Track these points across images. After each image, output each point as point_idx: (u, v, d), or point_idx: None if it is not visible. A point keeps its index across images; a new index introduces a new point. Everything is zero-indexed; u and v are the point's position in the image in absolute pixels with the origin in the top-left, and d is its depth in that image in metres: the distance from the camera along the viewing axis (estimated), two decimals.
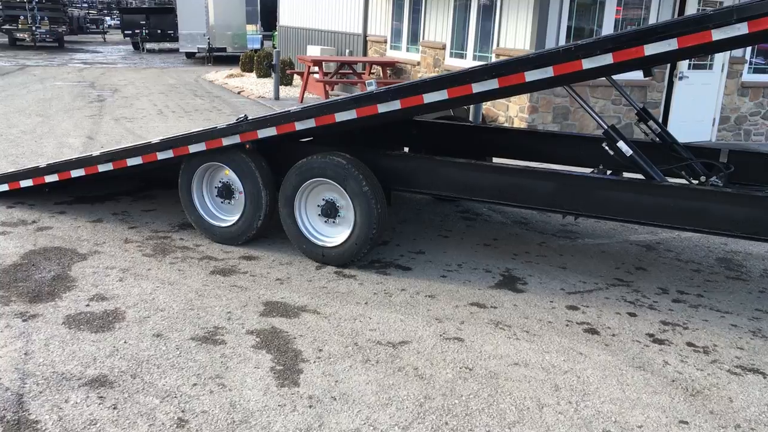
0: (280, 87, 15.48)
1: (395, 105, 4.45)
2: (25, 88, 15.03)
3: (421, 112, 4.59)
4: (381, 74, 13.37)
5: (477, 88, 4.18)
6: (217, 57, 24.85)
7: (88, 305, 4.23)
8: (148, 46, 31.36)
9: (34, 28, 29.12)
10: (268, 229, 5.37)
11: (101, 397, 3.23)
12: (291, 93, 14.87)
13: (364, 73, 13.83)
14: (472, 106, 7.99)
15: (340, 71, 13.65)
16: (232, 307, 4.28)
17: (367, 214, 4.79)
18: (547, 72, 3.96)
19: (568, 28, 9.74)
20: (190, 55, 26.71)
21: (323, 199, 5.02)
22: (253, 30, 26.20)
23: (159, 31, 31.14)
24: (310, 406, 3.23)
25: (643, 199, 4.33)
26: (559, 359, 3.78)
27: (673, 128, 10.48)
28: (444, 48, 11.72)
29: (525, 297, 4.64)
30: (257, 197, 5.17)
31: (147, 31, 30.89)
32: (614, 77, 5.21)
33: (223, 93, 15.51)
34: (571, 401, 3.36)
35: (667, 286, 4.95)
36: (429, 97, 4.34)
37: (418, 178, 4.93)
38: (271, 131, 4.88)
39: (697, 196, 4.22)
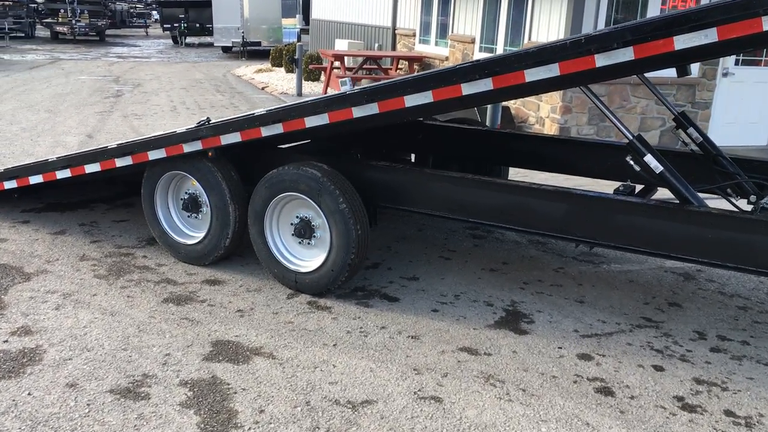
0: (306, 83, 14.86)
1: (372, 109, 3.70)
2: (47, 82, 14.71)
3: (405, 118, 3.84)
4: (408, 70, 12.60)
5: (468, 89, 3.40)
6: (251, 51, 24.35)
7: (6, 341, 3.61)
8: (187, 40, 31.12)
9: (73, 22, 29.10)
10: (243, 248, 4.68)
11: None
12: (317, 89, 14.21)
13: (390, 69, 13.07)
14: (489, 107, 7.18)
15: (365, 66, 12.91)
16: (173, 348, 3.61)
17: (344, 235, 4.06)
18: (552, 70, 3.16)
19: (608, 19, 8.82)
20: (226, 50, 26.28)
21: (297, 217, 4.31)
22: (291, 24, 25.65)
23: (198, 25, 30.82)
24: None
25: (675, 228, 3.50)
26: None
27: (714, 131, 9.52)
28: (473, 42, 10.89)
29: (528, 341, 3.85)
30: (224, 212, 4.49)
31: (186, 25, 30.61)
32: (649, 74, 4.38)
33: (247, 89, 14.94)
34: None
35: (706, 329, 4.10)
36: (412, 100, 3.58)
37: (407, 193, 4.19)
38: (235, 137, 4.19)
39: (742, 226, 3.37)
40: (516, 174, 6.57)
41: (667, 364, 3.65)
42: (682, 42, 2.84)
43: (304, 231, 4.27)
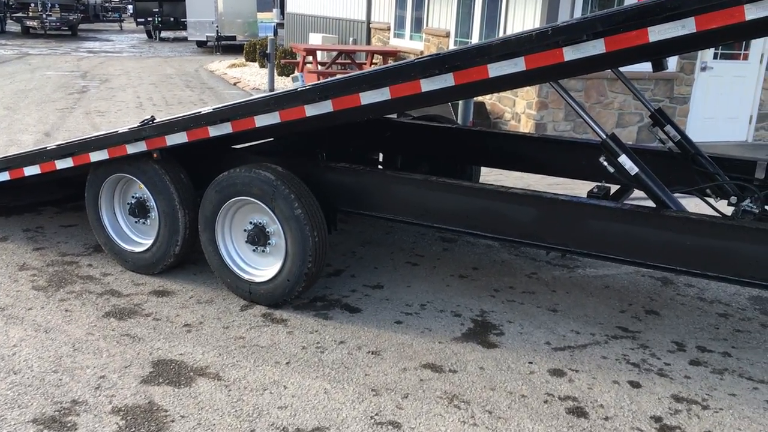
0: (280, 78, 14.51)
1: (326, 107, 3.41)
2: (11, 78, 14.23)
3: (363, 116, 3.56)
4: (383, 64, 12.29)
5: (427, 85, 3.12)
6: (226, 46, 23.89)
7: None
8: (162, 34, 30.52)
9: (44, 16, 28.43)
10: (197, 255, 4.37)
11: None
12: (291, 84, 13.86)
13: (365, 64, 12.76)
14: (460, 103, 6.91)
15: (338, 61, 12.59)
16: (110, 369, 3.30)
17: (300, 243, 3.77)
18: (518, 64, 2.89)
19: (584, 14, 8.58)
20: (201, 44, 25.75)
21: (251, 223, 4.01)
22: (267, 18, 25.18)
23: (172, 19, 30.20)
24: None
25: (650, 234, 3.25)
26: None
27: (692, 127, 9.33)
28: (448, 36, 10.62)
29: (497, 355, 3.58)
30: (173, 218, 4.18)
31: (160, 19, 30.03)
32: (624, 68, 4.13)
33: (219, 84, 14.57)
34: None
35: (685, 340, 3.86)
36: (368, 97, 3.30)
37: (368, 197, 3.91)
38: (181, 137, 3.88)
39: (722, 232, 3.13)
40: (489, 173, 6.32)
41: (644, 379, 3.41)
42: (657, 33, 2.58)
43: (258, 238, 3.98)
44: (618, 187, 4.13)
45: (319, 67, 12.11)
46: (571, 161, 4.77)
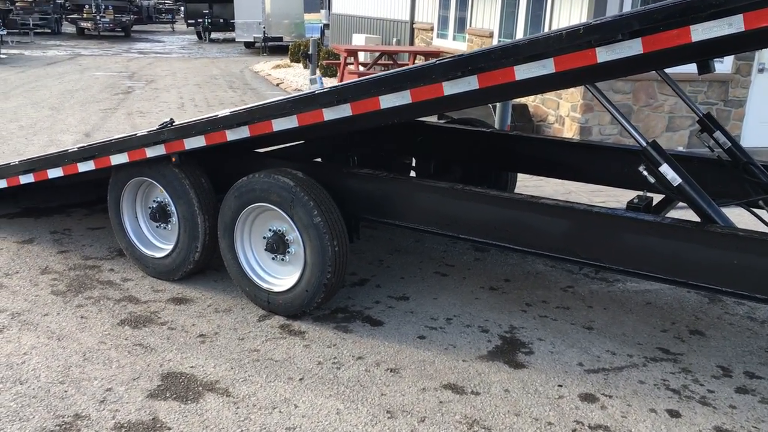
0: (325, 79, 14.42)
1: (344, 111, 3.24)
2: (60, 78, 14.49)
3: (383, 120, 3.38)
4: None
5: (450, 88, 2.92)
6: (273, 47, 23.99)
7: None
8: (212, 36, 30.87)
9: (98, 18, 29.04)
10: (219, 261, 4.23)
11: None
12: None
13: (407, 64, 12.56)
14: (499, 105, 6.65)
15: (380, 62, 12.42)
16: (117, 381, 3.19)
17: (319, 252, 3.61)
18: (546, 66, 2.66)
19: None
20: (248, 45, 25.95)
21: (270, 230, 3.86)
22: (315, 19, 25.20)
23: (222, 21, 30.53)
24: None
25: (693, 252, 2.98)
26: None
27: (748, 131, 8.86)
28: (491, 36, 10.35)
29: (524, 376, 3.35)
30: (193, 224, 4.06)
31: (210, 21, 30.38)
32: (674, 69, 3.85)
33: (262, 85, 14.56)
34: None
35: (731, 364, 3.56)
36: (388, 101, 3.11)
37: (390, 205, 3.72)
38: (198, 141, 3.76)
39: None
40: (529, 180, 6.08)
41: (685, 408, 3.13)
42: (701, 32, 2.32)
43: (277, 246, 3.83)
44: (662, 197, 3.87)
45: (361, 68, 11.96)
46: (612, 168, 4.49)
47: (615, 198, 6.19)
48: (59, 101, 11.32)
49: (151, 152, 3.92)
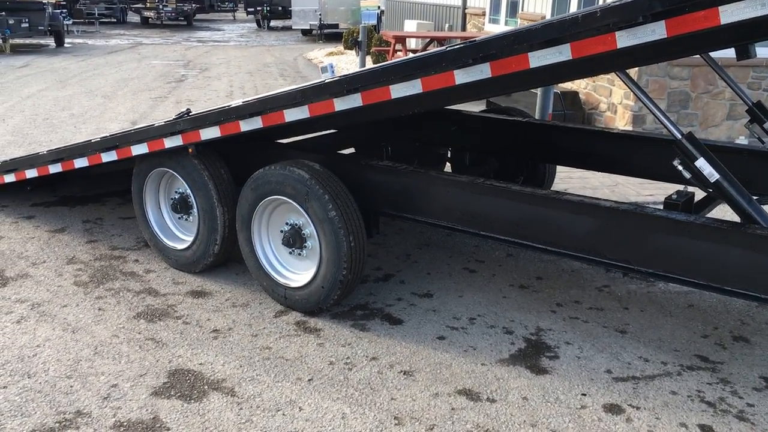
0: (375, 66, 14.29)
1: (355, 101, 3.08)
2: (118, 67, 14.76)
3: (396, 111, 3.21)
4: None
5: (462, 77, 2.73)
6: (329, 34, 23.95)
7: None
8: (271, 23, 31.06)
9: (160, 7, 29.58)
10: (240, 253, 4.14)
11: None
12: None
13: None
14: (539, 92, 6.35)
15: (429, 48, 12.16)
16: (124, 377, 3.14)
17: (334, 248, 3.48)
18: (563, 53, 2.45)
19: None
20: (305, 33, 25.97)
21: (287, 224, 3.75)
22: (372, 5, 25.02)
23: (280, 9, 30.69)
24: None
25: (731, 255, 2.72)
26: None
27: None
28: (543, 20, 9.97)
29: (546, 383, 3.15)
30: (212, 216, 3.99)
31: (269, 9, 30.56)
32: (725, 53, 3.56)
33: (313, 73, 14.49)
34: None
35: None
36: (399, 90, 2.94)
37: (409, 199, 3.56)
38: (214, 132, 3.67)
39: None
40: (572, 172, 5.81)
41: (719, 423, 2.88)
42: (730, 13, 2.07)
43: (294, 240, 3.71)
44: (704, 194, 3.59)
45: (410, 54, 11.74)
46: (655, 160, 4.19)
47: (664, 191, 5.82)
48: (113, 90, 11.51)
49: (169, 143, 3.86)
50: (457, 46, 2.70)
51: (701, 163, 2.89)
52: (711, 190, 2.97)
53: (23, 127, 8.43)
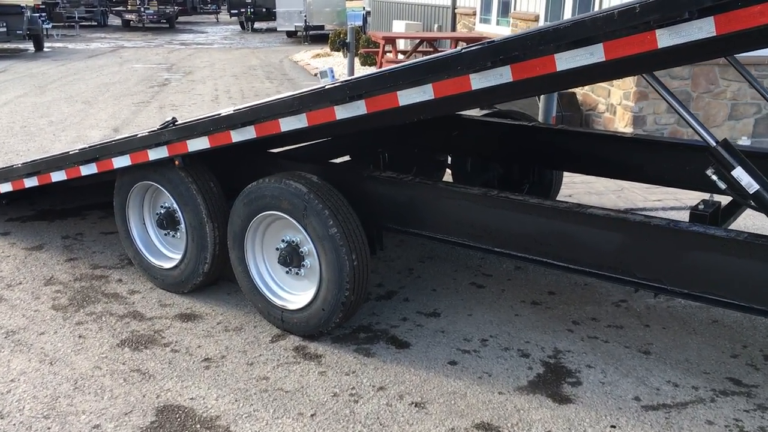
0: (363, 68, 14.00)
1: (358, 108, 2.80)
2: (99, 71, 14.39)
3: (404, 119, 2.94)
4: None
5: (479, 81, 2.46)
6: (314, 36, 23.62)
7: None
8: (255, 25, 30.68)
9: (142, 9, 29.14)
10: (232, 271, 3.85)
11: None
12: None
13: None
14: (542, 98, 6.11)
15: (420, 50, 11.91)
16: (107, 416, 2.84)
17: (336, 267, 3.20)
18: (595, 54, 2.18)
19: None
20: (290, 34, 25.63)
21: (283, 241, 3.47)
22: (357, 6, 24.73)
23: (264, 10, 30.29)
24: None
25: None
26: None
27: None
28: (537, 20, 9.76)
29: (570, 413, 2.89)
30: (201, 232, 3.70)
31: (252, 10, 30.18)
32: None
33: (300, 75, 14.21)
34: None
35: None
36: (407, 97, 2.66)
37: (416, 213, 3.29)
38: (202, 142, 3.38)
39: None
40: (574, 176, 5.56)
41: None
42: None
43: (291, 258, 3.43)
44: (729, 201, 3.35)
45: (400, 56, 11.49)
46: (671, 167, 3.96)
47: (672, 196, 5.63)
48: (93, 95, 11.15)
49: (153, 154, 3.56)
50: (474, 48, 2.43)
51: (738, 173, 2.64)
52: (748, 202, 2.73)
53: None
